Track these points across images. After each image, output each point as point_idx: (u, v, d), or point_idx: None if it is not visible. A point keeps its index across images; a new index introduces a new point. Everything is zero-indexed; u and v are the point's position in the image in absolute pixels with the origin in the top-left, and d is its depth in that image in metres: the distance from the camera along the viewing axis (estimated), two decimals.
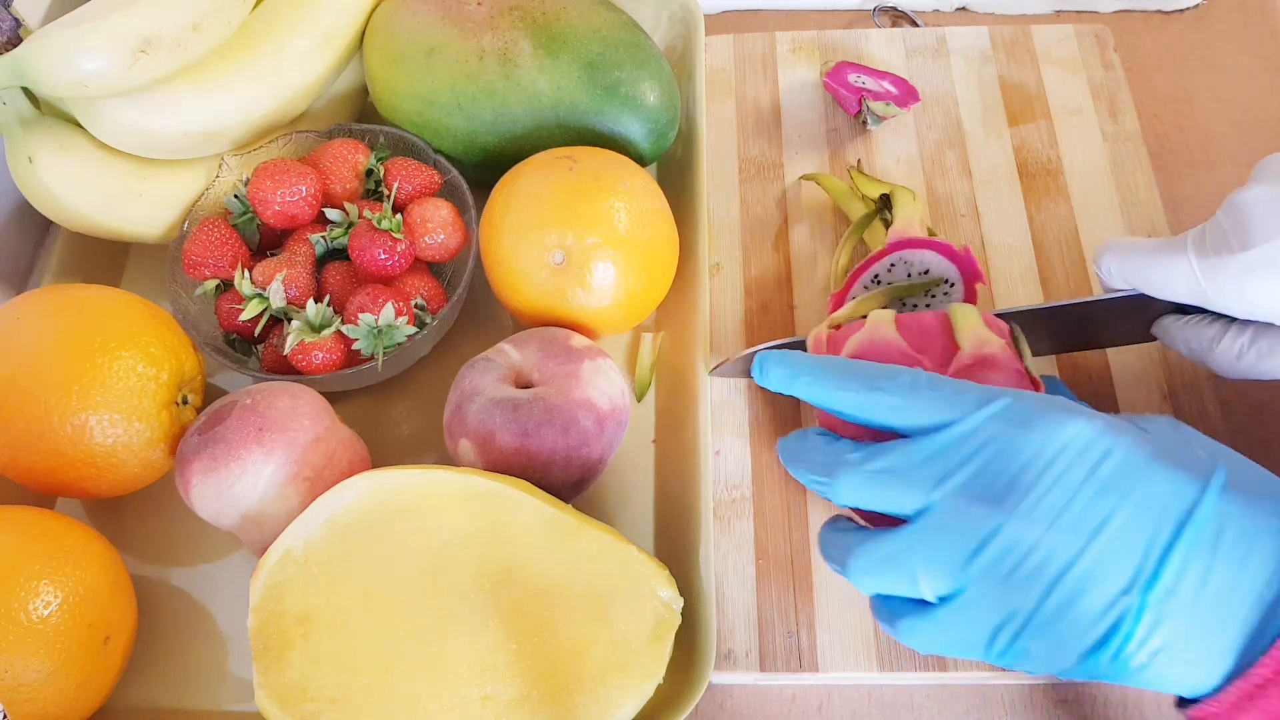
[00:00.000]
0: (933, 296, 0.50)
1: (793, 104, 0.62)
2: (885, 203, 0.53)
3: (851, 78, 0.60)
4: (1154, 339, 0.47)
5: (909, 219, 0.51)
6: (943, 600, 0.35)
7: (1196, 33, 0.65)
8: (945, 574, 0.35)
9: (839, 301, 0.50)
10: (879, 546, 0.36)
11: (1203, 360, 0.43)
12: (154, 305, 0.49)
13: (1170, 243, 0.42)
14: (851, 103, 0.59)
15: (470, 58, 0.53)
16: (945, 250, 0.50)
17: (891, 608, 0.37)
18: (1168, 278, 0.41)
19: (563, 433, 0.44)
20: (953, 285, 0.50)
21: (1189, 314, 0.44)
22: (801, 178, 0.59)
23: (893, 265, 0.50)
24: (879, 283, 0.50)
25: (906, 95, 0.59)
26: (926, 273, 0.50)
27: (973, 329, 0.43)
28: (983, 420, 0.36)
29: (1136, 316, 0.46)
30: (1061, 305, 0.47)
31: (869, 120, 0.58)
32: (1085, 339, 0.50)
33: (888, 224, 0.52)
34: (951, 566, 0.35)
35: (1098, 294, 0.47)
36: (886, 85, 0.59)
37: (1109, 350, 0.52)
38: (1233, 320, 0.42)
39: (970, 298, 0.50)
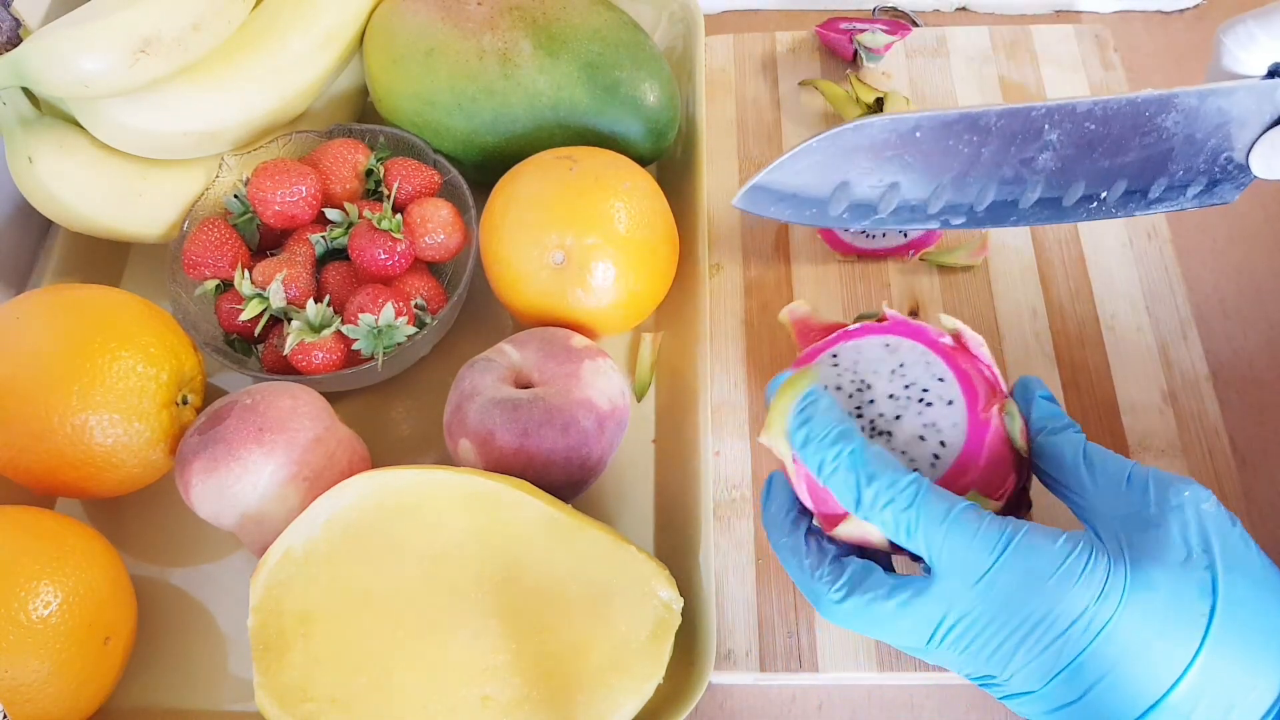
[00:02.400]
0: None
1: (792, 104, 0.62)
2: (879, 106, 0.55)
3: (842, 25, 0.62)
4: (1239, 177, 0.42)
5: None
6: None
7: (1196, 33, 0.65)
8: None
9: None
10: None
11: None
12: (154, 305, 0.49)
13: None
14: (845, 45, 0.61)
15: (470, 58, 0.53)
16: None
17: None
18: None
19: (563, 433, 0.44)
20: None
21: None
22: (800, 83, 0.62)
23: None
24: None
25: (896, 28, 0.61)
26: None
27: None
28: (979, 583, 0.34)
29: (1228, 136, 0.41)
30: (1166, 96, 0.41)
31: (864, 57, 0.60)
32: (1153, 171, 0.44)
33: None
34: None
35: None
36: (878, 28, 0.61)
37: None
38: None
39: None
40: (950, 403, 0.38)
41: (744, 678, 0.45)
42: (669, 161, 0.59)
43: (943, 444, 0.37)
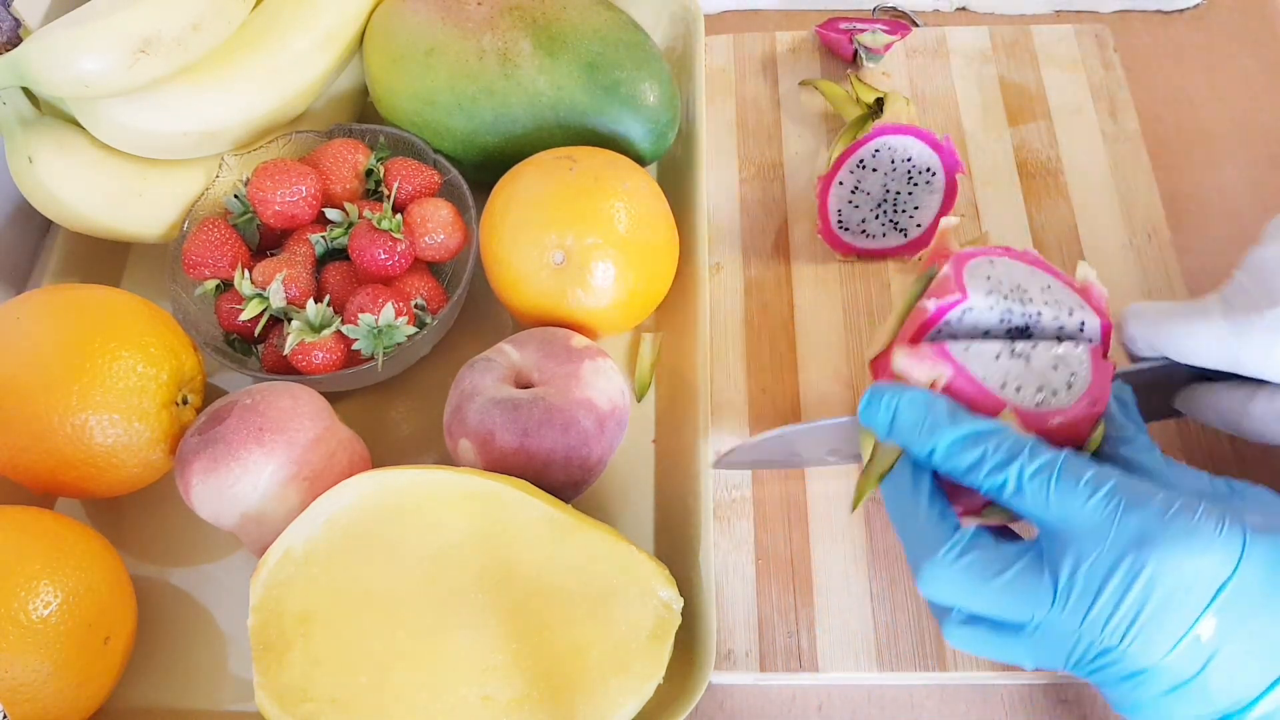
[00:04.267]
0: (914, 185, 0.53)
1: (793, 104, 0.62)
2: (879, 106, 0.55)
3: (842, 25, 0.63)
4: (1175, 415, 0.45)
5: (897, 114, 0.53)
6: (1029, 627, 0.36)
7: (1196, 33, 0.65)
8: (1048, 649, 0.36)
9: (826, 186, 0.53)
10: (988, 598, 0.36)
11: (1236, 427, 0.42)
12: (154, 305, 0.49)
13: (1196, 306, 0.41)
14: (845, 45, 0.61)
15: (470, 58, 0.53)
16: (927, 139, 0.52)
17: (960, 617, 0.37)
18: (1199, 341, 0.40)
19: (563, 433, 0.44)
20: (934, 174, 0.52)
21: (1213, 381, 0.43)
22: (800, 83, 0.62)
23: (877, 151, 0.52)
24: (864, 167, 0.52)
25: (896, 28, 0.62)
26: (909, 160, 0.52)
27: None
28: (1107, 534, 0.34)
29: (1157, 391, 0.44)
30: None
31: (864, 57, 0.61)
32: None
33: None
34: (1058, 655, 0.35)
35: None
36: (878, 28, 0.62)
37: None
38: (1263, 383, 0.41)
39: (951, 188, 0.52)
40: (1089, 340, 0.39)
41: (744, 678, 0.45)
42: (669, 161, 0.59)
43: (1073, 375, 0.38)
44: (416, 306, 0.51)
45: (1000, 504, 0.37)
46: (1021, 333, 0.40)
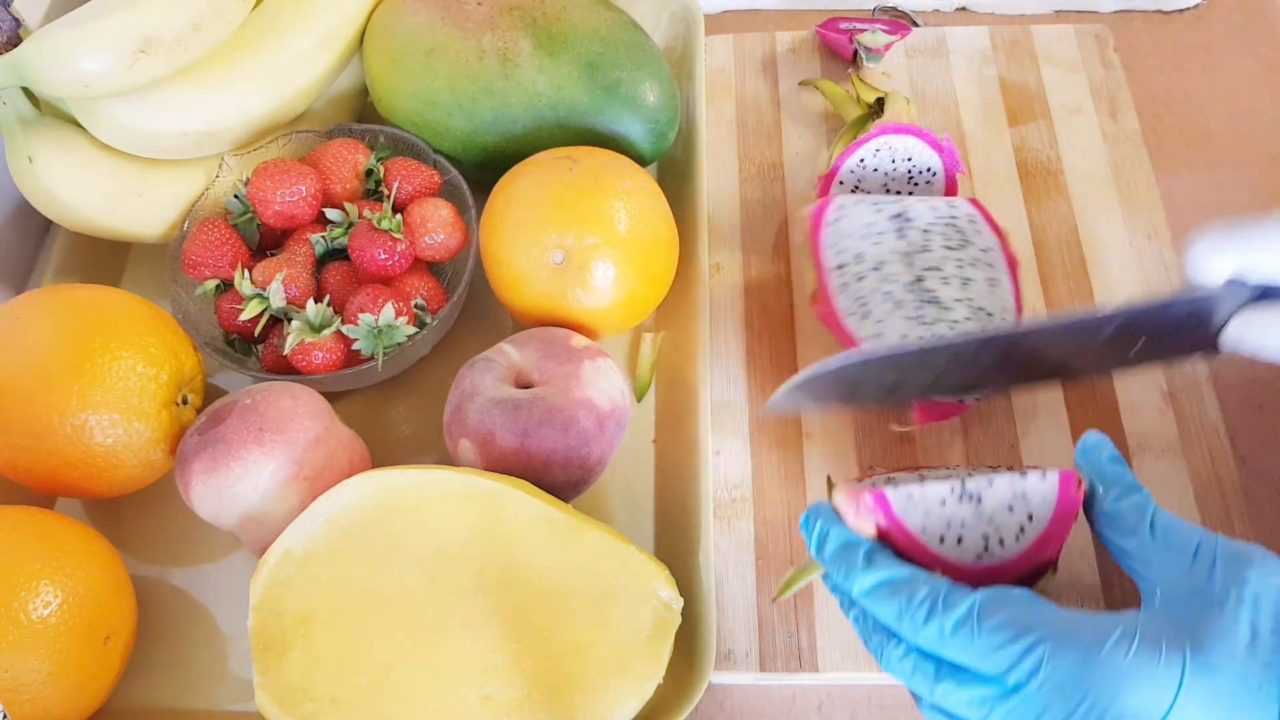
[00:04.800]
0: (914, 185, 0.53)
1: (793, 104, 0.62)
2: (880, 106, 0.55)
3: (842, 25, 0.63)
4: (1211, 351, 0.42)
5: (898, 114, 0.54)
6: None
7: (1196, 33, 0.65)
8: None
9: (826, 184, 0.53)
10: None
11: None
12: (154, 305, 0.49)
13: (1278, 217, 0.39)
14: (845, 45, 0.62)
15: (470, 57, 0.53)
16: (928, 139, 0.52)
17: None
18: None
19: (563, 433, 0.44)
20: (935, 174, 0.53)
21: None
22: (800, 83, 0.62)
23: (878, 150, 0.52)
24: (864, 166, 0.53)
25: (896, 28, 0.62)
26: (910, 160, 0.53)
27: None
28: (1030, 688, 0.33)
29: (1202, 322, 0.41)
30: (1132, 309, 0.41)
31: (864, 57, 0.61)
32: (1136, 355, 0.45)
33: None
34: None
35: (1102, 303, 0.45)
36: (878, 28, 0.62)
37: None
38: None
39: (950, 188, 0.53)
40: (1044, 474, 0.37)
41: (744, 678, 0.45)
42: (669, 161, 0.59)
43: (1030, 517, 0.36)
44: (416, 306, 0.51)
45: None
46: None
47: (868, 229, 0.49)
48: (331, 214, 0.53)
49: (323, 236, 0.53)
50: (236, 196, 0.54)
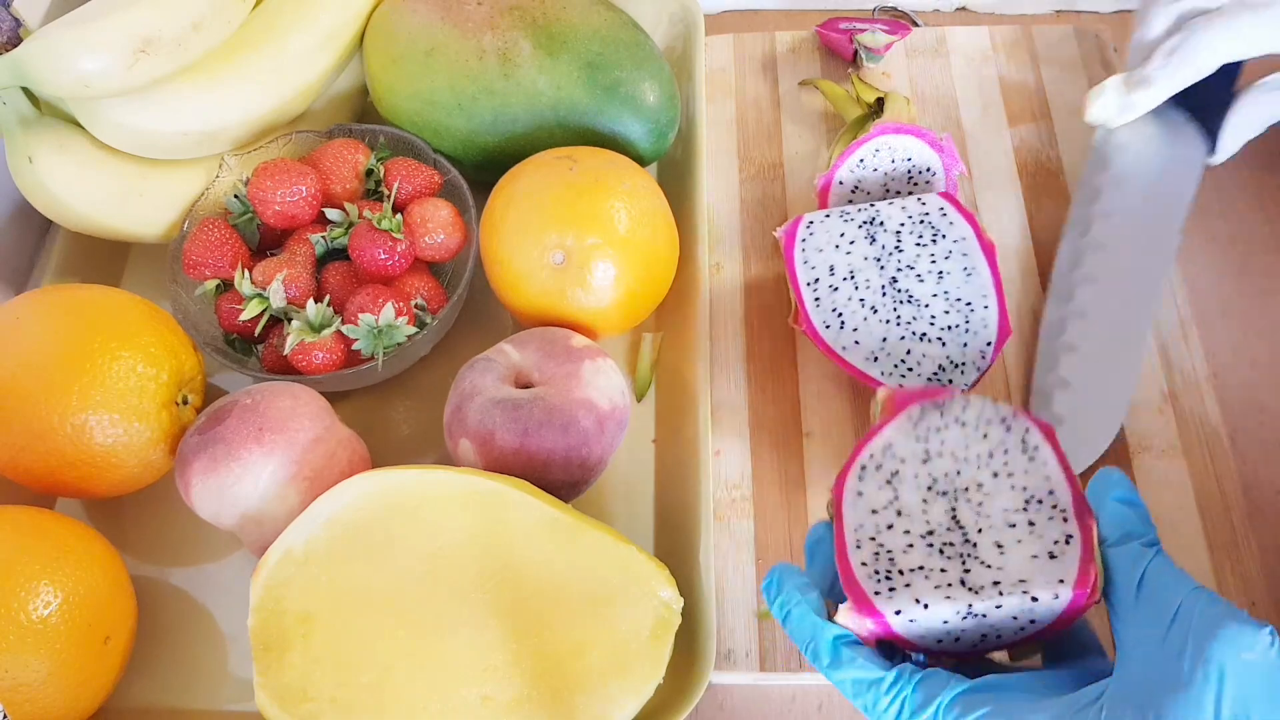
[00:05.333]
0: (914, 185, 0.53)
1: (793, 104, 0.62)
2: (880, 106, 0.55)
3: (842, 25, 0.63)
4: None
5: (898, 114, 0.54)
6: None
7: None
8: None
9: (826, 185, 0.53)
10: None
11: None
12: (154, 305, 0.49)
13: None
14: (845, 45, 0.62)
15: (470, 58, 0.53)
16: (928, 139, 0.52)
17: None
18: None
19: (563, 433, 0.44)
20: (934, 174, 0.53)
21: None
22: (800, 83, 0.62)
23: (878, 150, 0.52)
24: (864, 165, 0.53)
25: (896, 28, 0.62)
26: (910, 159, 0.53)
27: None
28: None
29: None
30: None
31: (864, 57, 0.61)
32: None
33: None
34: None
35: None
36: (878, 28, 0.62)
37: None
38: None
39: (950, 188, 0.53)
40: (1058, 595, 0.34)
41: (744, 678, 0.45)
42: (669, 161, 0.59)
43: (1033, 621, 0.35)
44: (416, 306, 0.51)
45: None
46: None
47: (839, 240, 0.50)
48: (331, 214, 0.53)
49: (323, 236, 0.53)
50: (236, 196, 0.54)
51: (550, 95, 0.52)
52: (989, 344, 0.47)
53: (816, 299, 0.49)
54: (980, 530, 0.36)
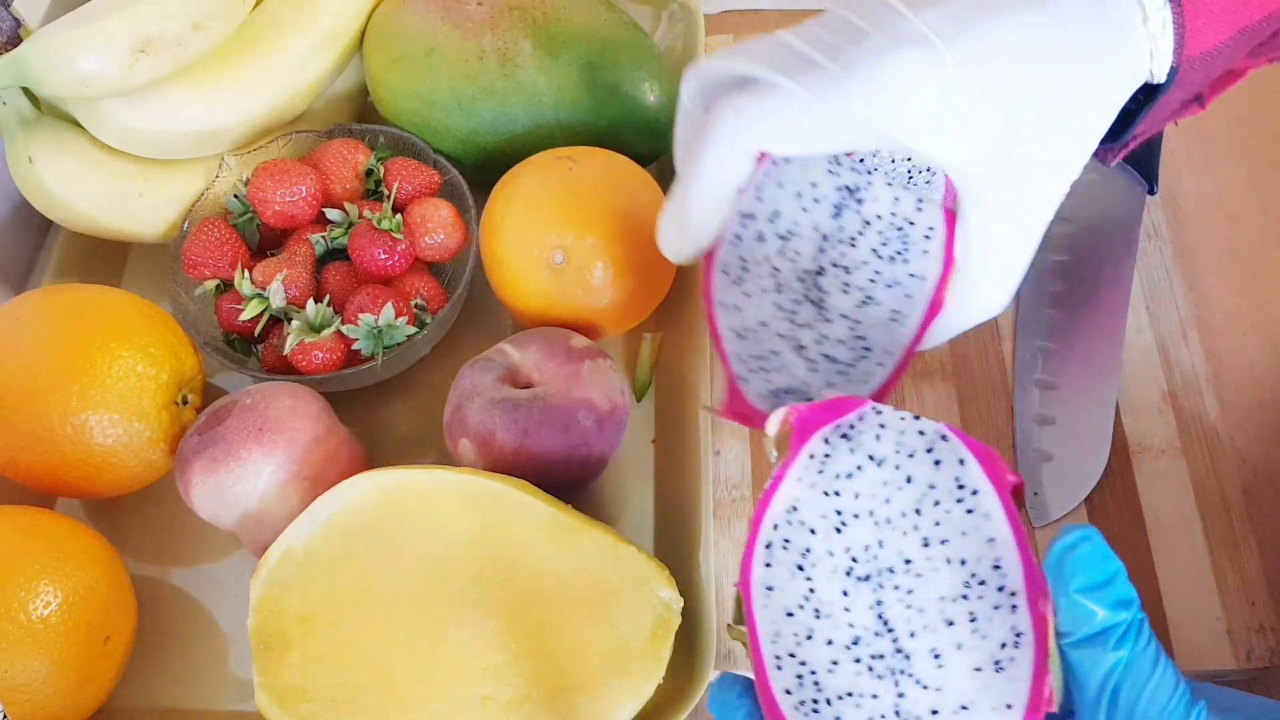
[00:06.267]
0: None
1: None
2: None
3: None
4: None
5: None
6: None
7: None
8: None
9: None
10: None
11: None
12: (154, 305, 0.49)
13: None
14: None
15: (470, 58, 0.53)
16: None
17: None
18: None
19: (563, 433, 0.44)
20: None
21: None
22: None
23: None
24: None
25: None
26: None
27: None
28: None
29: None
30: None
31: None
32: None
33: None
34: None
35: None
36: None
37: None
38: None
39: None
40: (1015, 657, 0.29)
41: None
42: (669, 161, 0.59)
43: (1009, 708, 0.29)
44: (416, 306, 0.51)
45: None
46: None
47: (806, 188, 0.39)
48: (331, 214, 0.53)
49: (323, 236, 0.53)
50: (236, 196, 0.54)
51: (550, 95, 0.52)
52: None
53: (736, 236, 0.39)
54: (913, 634, 0.30)
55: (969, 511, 0.30)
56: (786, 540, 0.31)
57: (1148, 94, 0.35)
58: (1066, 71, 0.32)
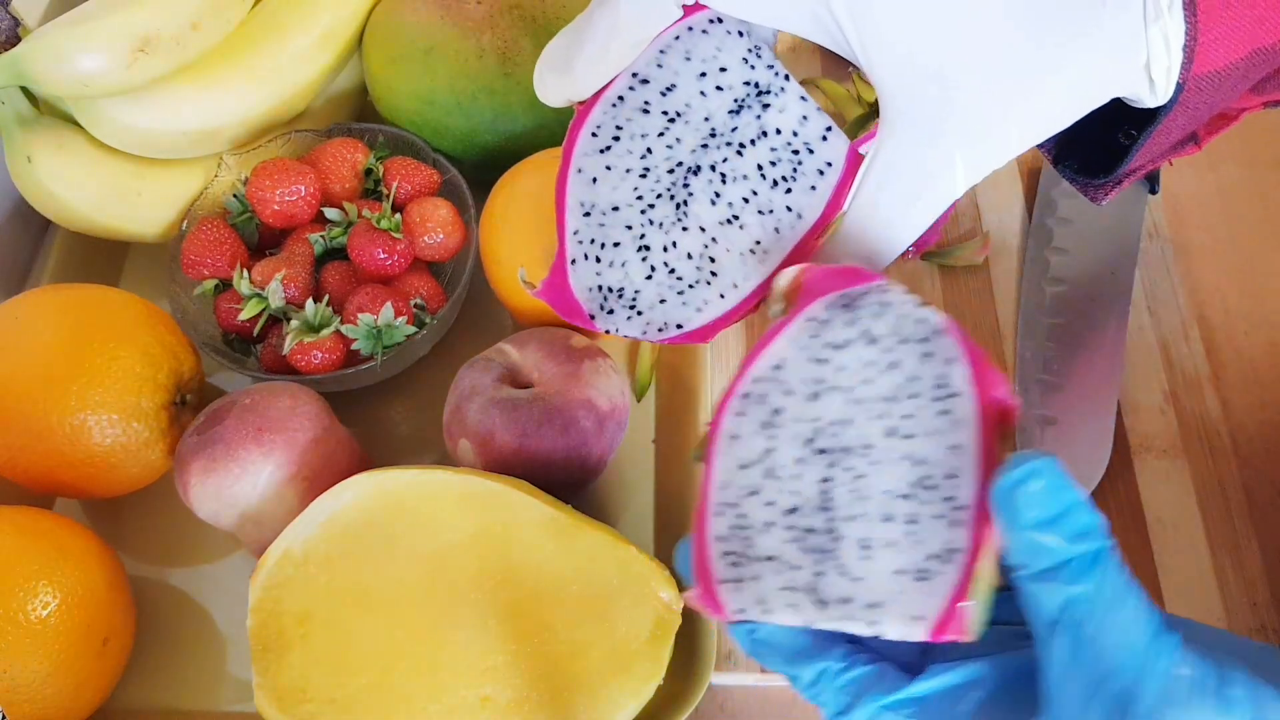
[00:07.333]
0: None
1: None
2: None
3: None
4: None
5: None
6: None
7: None
8: None
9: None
10: None
11: None
12: (153, 305, 0.49)
13: None
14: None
15: (470, 56, 0.53)
16: None
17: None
18: None
19: (563, 433, 0.44)
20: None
21: None
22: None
23: None
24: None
25: None
26: None
27: None
28: None
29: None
30: None
31: None
32: None
33: None
34: None
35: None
36: None
37: None
38: None
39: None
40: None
41: (744, 678, 0.45)
42: None
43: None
44: (416, 306, 0.51)
45: None
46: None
47: (714, 70, 0.35)
48: (330, 213, 0.53)
49: (322, 236, 0.53)
50: (235, 196, 0.54)
51: None
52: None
53: (621, 98, 0.35)
54: (851, 519, 0.29)
55: (943, 413, 0.28)
56: (763, 395, 0.31)
57: (1140, 127, 0.33)
58: (1041, 45, 0.29)
